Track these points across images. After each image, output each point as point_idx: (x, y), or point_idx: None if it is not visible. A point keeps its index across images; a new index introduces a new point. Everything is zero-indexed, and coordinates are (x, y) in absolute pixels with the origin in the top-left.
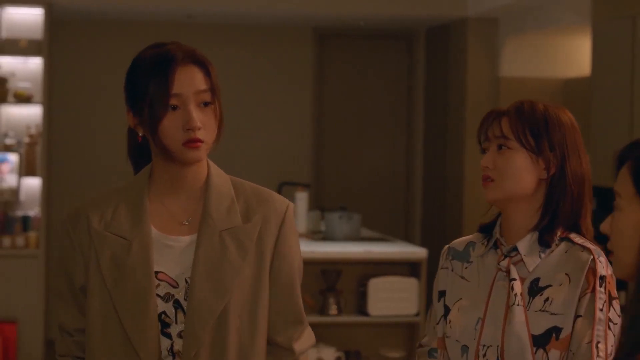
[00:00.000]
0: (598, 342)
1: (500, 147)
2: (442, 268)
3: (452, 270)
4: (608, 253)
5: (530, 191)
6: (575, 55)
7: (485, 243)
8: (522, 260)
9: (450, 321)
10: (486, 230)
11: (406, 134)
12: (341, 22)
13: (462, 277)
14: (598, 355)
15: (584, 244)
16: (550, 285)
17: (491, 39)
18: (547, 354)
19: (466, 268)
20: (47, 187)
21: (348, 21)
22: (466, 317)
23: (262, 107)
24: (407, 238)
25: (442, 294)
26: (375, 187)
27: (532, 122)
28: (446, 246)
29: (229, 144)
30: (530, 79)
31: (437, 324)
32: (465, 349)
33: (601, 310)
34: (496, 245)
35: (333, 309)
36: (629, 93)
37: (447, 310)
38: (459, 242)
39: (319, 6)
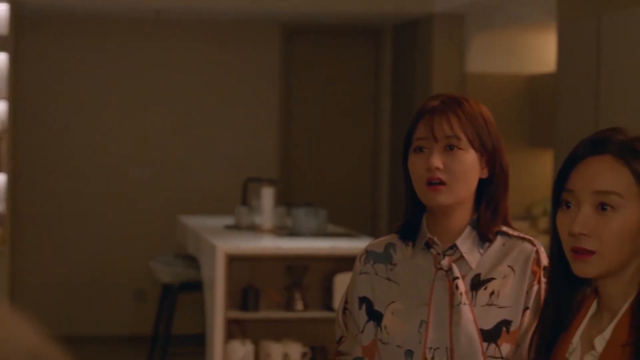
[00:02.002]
0: None
1: (450, 147)
2: (361, 273)
3: (376, 274)
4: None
5: (473, 191)
6: (541, 51)
7: (411, 244)
8: (461, 257)
9: (385, 327)
10: (407, 232)
11: (373, 130)
12: (308, 18)
13: (389, 280)
14: None
15: (520, 235)
16: (493, 279)
17: (457, 36)
18: (499, 348)
19: (391, 270)
20: (12, 184)
21: (315, 18)
22: (407, 321)
23: (229, 103)
24: (374, 234)
25: (363, 300)
26: (342, 183)
27: (475, 121)
28: (363, 249)
29: (195, 140)
30: (496, 75)
31: (361, 332)
32: (409, 353)
33: None
34: (428, 245)
35: (299, 305)
36: (594, 90)
37: (378, 315)
38: (376, 245)
39: (286, 3)
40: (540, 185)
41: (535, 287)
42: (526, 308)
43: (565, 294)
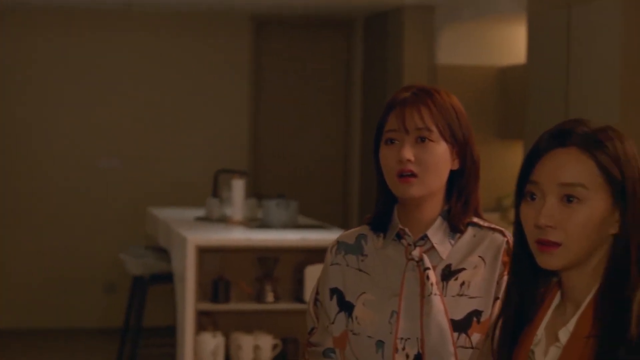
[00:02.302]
0: None
1: (422, 139)
2: (332, 264)
3: (347, 265)
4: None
5: (444, 182)
6: (511, 43)
7: (382, 235)
8: (432, 248)
9: (356, 317)
10: (378, 223)
11: (344, 121)
12: (279, 10)
13: (360, 270)
14: None
15: (491, 226)
16: (464, 269)
17: (428, 27)
18: (469, 338)
19: (362, 261)
20: None
21: (286, 9)
22: (378, 312)
23: (199, 95)
24: (345, 225)
25: (334, 291)
26: (313, 175)
27: (446, 113)
28: (334, 241)
29: (166, 132)
30: (467, 67)
31: (332, 323)
32: (380, 344)
33: None
34: (399, 236)
35: (270, 297)
36: (564, 81)
37: (349, 306)
38: (347, 236)
39: None
40: (510, 177)
41: (506, 278)
42: (496, 298)
43: (528, 286)
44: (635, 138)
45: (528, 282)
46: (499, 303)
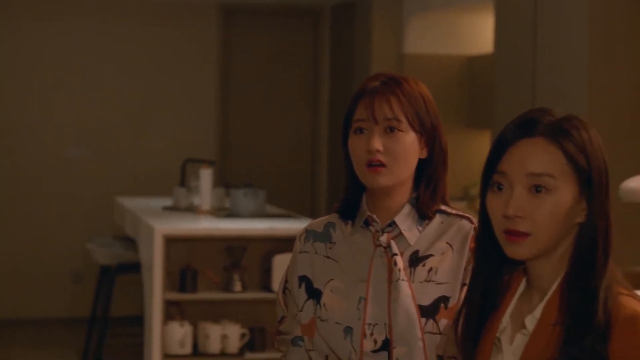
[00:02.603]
0: None
1: (391, 129)
2: (301, 252)
3: (315, 253)
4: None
5: (413, 171)
6: (479, 32)
7: (350, 223)
8: (400, 234)
9: (324, 304)
10: (347, 211)
11: (312, 111)
12: None
13: (329, 258)
14: None
15: (458, 213)
16: (431, 255)
17: (396, 16)
18: (437, 324)
19: (330, 248)
20: None
21: None
22: (346, 298)
23: (167, 84)
24: (313, 215)
25: (302, 279)
26: (281, 164)
27: (415, 102)
28: (303, 229)
29: (134, 122)
30: (435, 56)
31: (301, 311)
32: (349, 330)
33: None
34: (367, 223)
35: (237, 286)
36: (531, 70)
37: (317, 293)
38: (316, 224)
39: None
40: (478, 166)
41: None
42: (464, 284)
43: (493, 274)
44: (603, 127)
45: (493, 270)
46: (465, 289)
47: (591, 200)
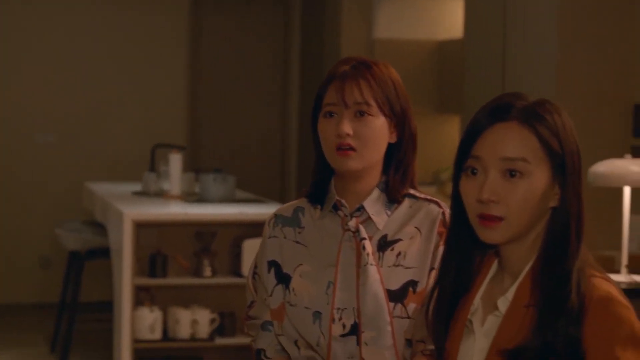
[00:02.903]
0: None
1: (361, 113)
2: (270, 237)
3: (284, 238)
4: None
5: (382, 155)
6: (449, 17)
7: (319, 207)
8: (368, 219)
9: (293, 289)
10: (315, 195)
11: (282, 95)
12: None
13: (298, 242)
14: None
15: (427, 197)
16: (400, 240)
17: (366, 1)
18: (405, 308)
19: (299, 233)
20: None
21: None
22: (315, 283)
23: (136, 68)
24: (283, 200)
25: (272, 264)
26: (251, 149)
27: (385, 86)
28: (272, 214)
29: (103, 107)
30: (405, 41)
31: (270, 295)
32: (317, 314)
33: None
34: (336, 208)
35: (207, 271)
36: (501, 55)
37: (286, 278)
38: (285, 209)
39: None
40: (447, 150)
41: (441, 248)
42: (432, 268)
43: (465, 258)
44: (571, 111)
45: (465, 253)
46: (434, 273)
47: (564, 184)
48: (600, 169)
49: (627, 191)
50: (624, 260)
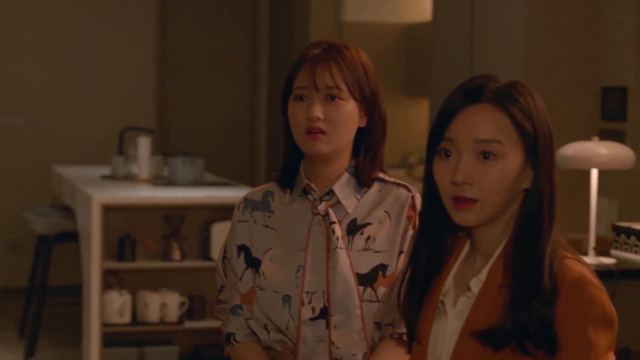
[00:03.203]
0: None
1: (331, 97)
2: (239, 221)
3: (254, 222)
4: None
5: (352, 139)
6: (417, 0)
7: (289, 191)
8: (338, 203)
9: (263, 273)
10: (285, 179)
11: (251, 79)
12: None
13: (267, 226)
14: None
15: (396, 181)
16: (369, 224)
17: None
18: (375, 292)
19: (269, 217)
20: None
21: None
22: (284, 267)
23: (104, 51)
24: (252, 183)
25: (241, 248)
26: (220, 133)
27: (356, 70)
28: (241, 198)
29: (71, 90)
30: (373, 24)
31: (240, 280)
32: (287, 298)
33: None
34: (305, 192)
35: (176, 254)
36: (469, 38)
37: (256, 262)
38: (254, 193)
39: None
40: (416, 134)
41: (410, 232)
42: (401, 252)
43: (437, 240)
44: (540, 94)
45: (437, 236)
46: (403, 257)
47: (537, 165)
48: (568, 151)
49: (594, 174)
50: (592, 242)
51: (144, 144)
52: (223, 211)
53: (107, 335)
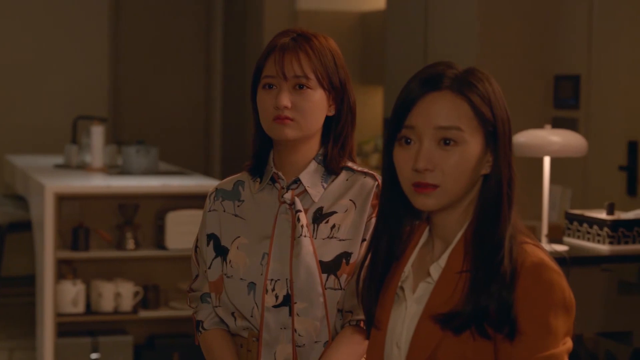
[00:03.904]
0: None
1: (300, 86)
2: (210, 211)
3: (224, 211)
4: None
5: (320, 127)
6: None
7: (259, 180)
8: (305, 191)
9: (230, 261)
10: (255, 168)
11: (205, 68)
12: None
13: (236, 216)
14: None
15: (363, 170)
16: (334, 212)
17: None
18: (338, 279)
19: (238, 206)
20: None
21: None
22: (250, 254)
23: (57, 39)
24: (207, 172)
25: (211, 237)
26: (174, 121)
27: (325, 59)
28: (212, 188)
29: (23, 78)
30: (328, 12)
31: (209, 268)
32: (252, 285)
33: None
34: (273, 180)
35: (130, 244)
36: (423, 26)
37: (224, 251)
38: (226, 183)
39: None
40: (371, 122)
41: (374, 220)
42: (364, 240)
43: (396, 227)
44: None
45: (397, 222)
46: (365, 244)
47: (496, 151)
48: (520, 139)
49: (547, 161)
50: (544, 229)
51: (97, 132)
52: (177, 200)
53: (61, 325)
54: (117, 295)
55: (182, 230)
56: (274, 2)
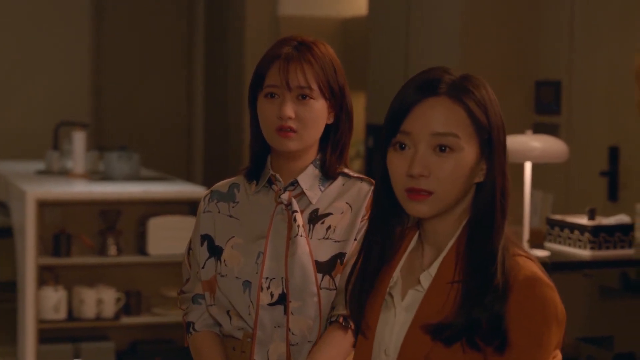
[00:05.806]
0: None
1: (303, 96)
2: (204, 212)
3: (218, 212)
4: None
5: (320, 135)
6: None
7: (255, 182)
8: (302, 193)
9: (224, 260)
10: (252, 172)
11: (187, 74)
12: None
13: (231, 216)
14: None
15: (359, 176)
16: (330, 214)
17: None
18: (333, 280)
19: (233, 207)
20: None
21: None
22: (245, 254)
23: (39, 45)
24: (189, 178)
25: (205, 237)
26: (157, 127)
27: (326, 68)
28: (208, 190)
29: (5, 83)
30: (309, 18)
31: (202, 268)
32: (247, 284)
33: None
34: (270, 182)
35: (112, 250)
36: (405, 32)
37: (218, 250)
38: (221, 185)
39: None
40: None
41: (366, 222)
42: (355, 240)
43: (388, 231)
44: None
45: (389, 227)
46: (355, 245)
47: (491, 159)
48: None
49: (528, 167)
50: (526, 235)
51: (79, 138)
52: (159, 206)
53: (42, 331)
54: (99, 301)
55: (164, 236)
56: (255, 7)
